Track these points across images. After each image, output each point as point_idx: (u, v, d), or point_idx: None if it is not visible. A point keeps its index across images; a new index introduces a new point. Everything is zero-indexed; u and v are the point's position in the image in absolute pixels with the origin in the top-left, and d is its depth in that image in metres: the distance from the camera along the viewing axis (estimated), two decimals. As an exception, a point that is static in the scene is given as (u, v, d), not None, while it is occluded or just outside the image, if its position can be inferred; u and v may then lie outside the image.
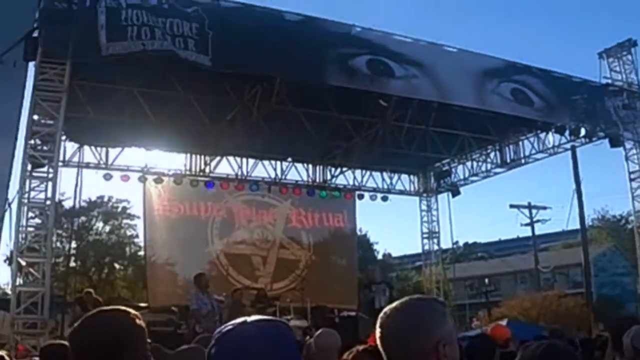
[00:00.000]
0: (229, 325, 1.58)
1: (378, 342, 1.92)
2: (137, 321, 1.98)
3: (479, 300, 36.68)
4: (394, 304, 1.94)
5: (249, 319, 1.59)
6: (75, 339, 1.96)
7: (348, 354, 2.71)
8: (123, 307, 2.07)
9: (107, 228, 34.88)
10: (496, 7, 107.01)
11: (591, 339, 6.43)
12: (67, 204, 24.81)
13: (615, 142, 17.35)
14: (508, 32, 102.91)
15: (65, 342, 3.85)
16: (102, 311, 2.05)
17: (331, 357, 4.22)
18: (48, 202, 11.92)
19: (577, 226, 21.92)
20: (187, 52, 12.17)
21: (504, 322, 18.41)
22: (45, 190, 11.95)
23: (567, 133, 17.63)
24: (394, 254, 52.75)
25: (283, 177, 20.70)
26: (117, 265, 35.45)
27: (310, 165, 21.32)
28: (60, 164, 13.79)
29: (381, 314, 1.94)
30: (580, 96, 16.74)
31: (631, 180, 17.93)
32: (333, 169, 21.53)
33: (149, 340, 2.04)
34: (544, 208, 34.50)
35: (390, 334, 1.88)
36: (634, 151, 17.80)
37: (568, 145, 18.64)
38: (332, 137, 18.13)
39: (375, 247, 46.73)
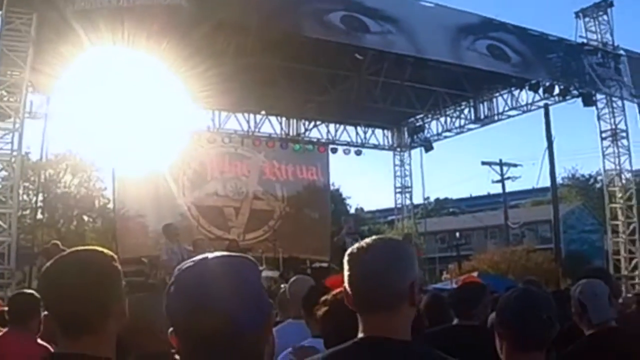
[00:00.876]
0: (189, 261, 1.48)
1: (350, 282, 1.85)
2: (114, 262, 1.88)
3: (449, 254, 37.10)
4: (365, 243, 1.87)
5: (211, 255, 1.49)
6: (48, 280, 1.86)
7: (322, 301, 2.64)
8: (98, 247, 1.95)
9: (76, 181, 34.39)
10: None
11: (561, 291, 6.48)
12: (35, 157, 24.37)
13: (588, 101, 17.47)
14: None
15: (34, 292, 3.71)
16: (77, 251, 1.92)
17: None
18: (14, 154, 11.70)
19: (548, 184, 22.20)
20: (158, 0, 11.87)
21: (475, 274, 18.73)
22: (12, 142, 11.76)
23: (541, 91, 17.67)
24: (366, 209, 53.08)
25: (257, 129, 20.55)
26: (85, 218, 35.07)
27: (284, 119, 21.19)
28: (26, 115, 13.51)
29: (351, 253, 1.87)
30: (556, 54, 16.80)
31: (602, 139, 18.16)
32: (307, 123, 21.45)
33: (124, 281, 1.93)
34: (515, 165, 34.74)
35: (368, 273, 1.81)
36: (606, 110, 17.99)
37: (541, 103, 18.70)
38: (306, 90, 17.96)
39: (348, 201, 46.96)
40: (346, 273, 1.87)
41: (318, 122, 21.52)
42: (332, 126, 21.81)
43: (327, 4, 14.19)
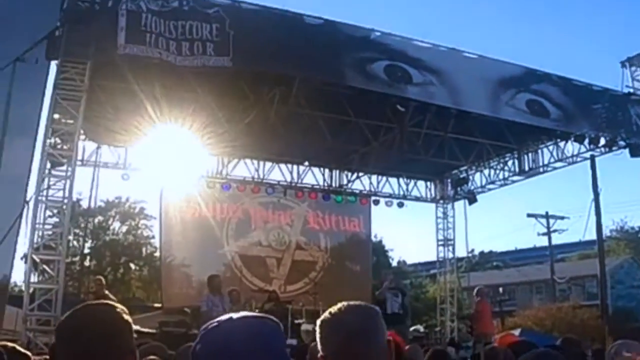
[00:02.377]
0: (214, 322, 1.54)
1: (331, 344, 1.86)
2: (124, 315, 1.95)
3: (493, 310, 36.38)
4: (339, 307, 1.91)
5: (235, 315, 1.55)
6: (62, 330, 1.92)
7: None
8: (110, 302, 2.04)
9: (124, 228, 35.04)
10: (518, 14, 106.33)
11: (603, 350, 6.32)
12: (85, 204, 24.97)
13: (635, 152, 17.16)
14: (529, 39, 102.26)
15: None
16: (89, 304, 2.02)
17: None
18: (65, 201, 12.01)
19: (595, 237, 21.70)
20: (204, 58, 12.25)
21: (516, 332, 18.24)
22: (64, 189, 12.06)
23: (586, 142, 17.46)
24: (408, 262, 52.54)
25: (299, 181, 20.74)
26: (132, 266, 35.59)
27: (326, 170, 21.33)
28: (78, 163, 13.90)
29: (327, 318, 1.89)
30: (602, 105, 16.60)
31: (651, 190, 17.71)
32: (349, 174, 21.54)
33: (135, 336, 2.00)
34: (562, 218, 34.22)
35: (354, 333, 1.83)
36: (655, 160, 17.56)
37: (587, 155, 18.41)
38: (349, 141, 18.05)
39: (390, 253, 46.61)
40: (321, 337, 1.88)
41: (360, 174, 21.59)
42: (374, 178, 21.84)
43: (370, 53, 14.34)
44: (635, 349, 3.38)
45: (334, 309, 1.90)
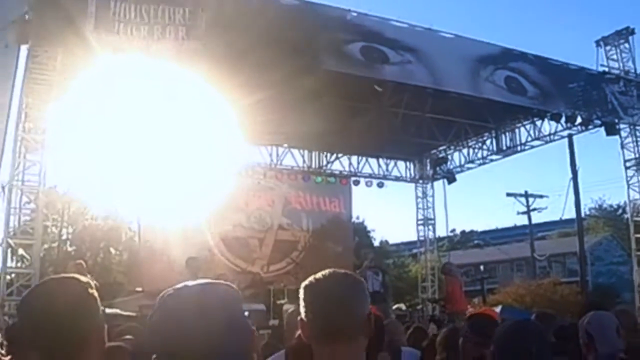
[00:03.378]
0: (170, 289, 1.52)
1: (310, 310, 1.87)
2: (90, 290, 1.87)
3: (474, 288, 36.67)
4: (324, 274, 1.92)
5: (192, 282, 1.53)
6: (21, 312, 1.85)
7: None
8: (74, 275, 1.94)
9: (103, 213, 34.86)
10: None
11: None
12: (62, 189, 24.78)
13: (611, 130, 17.34)
14: (505, 19, 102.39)
15: None
16: (52, 279, 1.92)
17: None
18: (40, 186, 11.93)
19: (574, 215, 21.94)
20: (176, 43, 12.09)
21: (498, 309, 18.44)
22: (39, 174, 11.97)
23: (563, 120, 17.56)
24: (391, 241, 52.82)
25: (278, 162, 20.68)
26: (112, 250, 35.44)
27: (305, 151, 21.29)
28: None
29: (310, 283, 1.90)
30: (577, 84, 16.72)
31: (626, 168, 17.92)
32: (329, 155, 21.53)
33: (102, 309, 1.94)
34: (541, 197, 34.46)
35: (332, 300, 1.84)
36: (630, 139, 17.79)
37: (565, 133, 18.59)
38: (328, 122, 18.00)
39: (372, 234, 46.80)
40: (304, 302, 1.89)
41: (340, 155, 21.61)
42: (354, 158, 21.88)
43: (346, 35, 14.23)
44: (608, 319, 3.41)
45: (318, 274, 1.91)
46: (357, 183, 21.55)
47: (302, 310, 1.89)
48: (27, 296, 1.86)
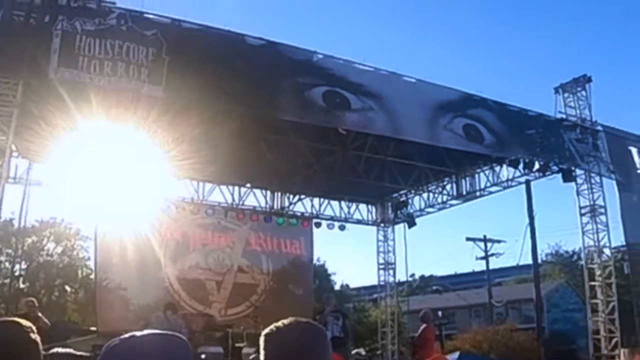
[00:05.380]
0: (116, 339, 1.50)
1: (278, 358, 1.84)
2: (32, 335, 1.86)
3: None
4: (284, 323, 1.89)
5: (139, 333, 1.51)
6: None
7: None
8: (15, 319, 1.92)
9: (59, 249, 34.12)
10: (456, 40, 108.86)
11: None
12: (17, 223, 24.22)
13: (568, 177, 17.66)
14: (467, 63, 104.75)
15: None
16: None
17: None
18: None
19: (530, 261, 22.20)
20: (138, 84, 12.04)
21: (455, 355, 18.45)
22: (-7, 210, 11.68)
23: (521, 166, 17.85)
24: (352, 285, 52.67)
25: (241, 202, 20.62)
26: (68, 288, 34.66)
27: (268, 192, 21.28)
28: (10, 180, 13.49)
29: (270, 332, 1.87)
30: (536, 130, 17.02)
31: (582, 215, 18.16)
32: (291, 196, 21.54)
33: (43, 354, 1.91)
34: (499, 241, 34.95)
35: (294, 351, 1.81)
36: (585, 186, 18.08)
37: (522, 179, 18.84)
38: (291, 163, 18.07)
39: (332, 277, 46.66)
40: (264, 351, 1.86)
41: (302, 196, 21.63)
42: (316, 200, 21.91)
43: (310, 79, 14.16)
44: None
45: (279, 323, 1.88)
46: (318, 225, 21.57)
47: (261, 358, 1.86)
48: None
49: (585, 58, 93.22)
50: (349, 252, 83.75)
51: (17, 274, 26.59)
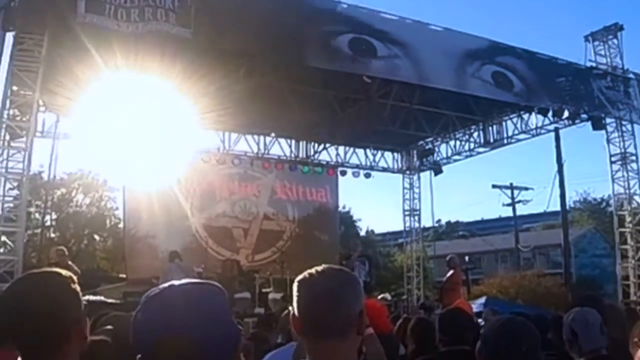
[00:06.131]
0: (156, 289, 1.50)
1: (301, 306, 1.86)
2: (72, 284, 1.86)
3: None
4: (317, 269, 1.90)
5: (177, 282, 1.52)
6: (3, 304, 1.81)
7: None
8: (56, 269, 1.91)
9: (87, 200, 34.64)
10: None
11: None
12: (47, 176, 24.61)
13: (598, 125, 17.43)
14: (495, 13, 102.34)
15: None
16: (32, 273, 1.89)
17: None
18: (24, 173, 11.87)
19: (558, 208, 22.08)
20: (167, 25, 12.02)
21: (482, 300, 18.58)
22: (23, 161, 11.90)
23: (550, 114, 17.65)
24: (376, 231, 52.95)
25: (266, 152, 20.65)
26: (96, 237, 35.31)
27: (293, 141, 21.27)
28: (38, 134, 13.65)
29: (303, 278, 1.89)
30: (565, 78, 16.76)
31: (612, 162, 18.04)
32: (316, 145, 21.51)
33: (85, 303, 1.91)
34: (526, 189, 34.71)
35: (322, 296, 1.83)
36: (615, 134, 17.89)
37: (551, 127, 18.66)
38: (316, 112, 17.97)
39: (358, 224, 46.89)
40: (296, 297, 1.88)
41: (327, 145, 21.59)
42: (341, 149, 21.87)
43: (335, 26, 14.10)
44: (592, 316, 3.42)
45: (312, 270, 1.90)
46: (344, 173, 21.60)
47: (294, 305, 1.89)
48: (7, 291, 1.84)
49: (617, 6, 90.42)
50: (374, 199, 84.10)
51: (47, 224, 27.12)
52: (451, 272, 14.15)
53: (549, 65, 16.80)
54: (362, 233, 46.68)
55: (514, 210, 35.12)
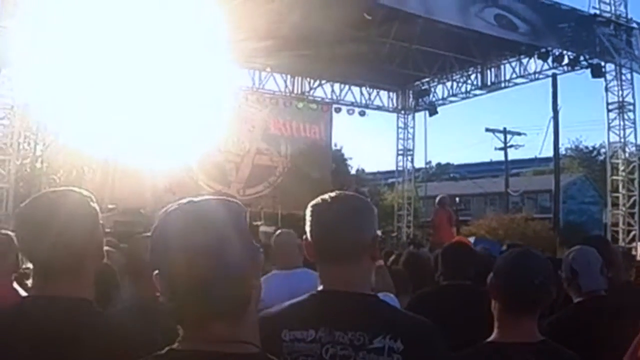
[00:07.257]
0: (175, 204, 1.44)
1: (314, 230, 1.84)
2: (91, 203, 1.81)
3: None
4: (330, 195, 1.87)
5: (196, 198, 1.46)
6: (20, 221, 1.77)
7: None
8: (74, 188, 1.85)
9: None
10: None
11: (556, 258, 6.52)
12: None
13: (597, 72, 17.35)
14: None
15: (9, 233, 3.56)
16: (53, 191, 1.84)
17: (289, 251, 4.38)
18: (15, 101, 11.75)
19: (550, 154, 22.15)
20: None
21: (471, 239, 18.76)
22: (12, 89, 11.76)
23: (550, 60, 17.53)
24: (367, 170, 53.09)
25: (261, 86, 20.43)
26: (85, 169, 35.16)
27: (288, 76, 21.02)
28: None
29: (316, 203, 1.86)
30: (568, 24, 16.56)
31: (609, 111, 18.04)
32: (312, 81, 21.30)
33: (101, 223, 1.86)
34: (519, 134, 34.69)
35: (334, 221, 1.81)
36: (614, 82, 17.83)
37: (549, 72, 18.58)
38: (313, 47, 17.66)
39: (349, 162, 46.97)
40: (309, 222, 1.86)
41: (323, 81, 21.38)
42: (336, 86, 21.69)
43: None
44: (593, 256, 3.38)
45: (326, 195, 1.88)
46: (338, 110, 21.49)
47: (307, 230, 1.86)
48: (25, 206, 1.78)
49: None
50: (366, 138, 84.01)
51: (37, 154, 26.98)
52: (436, 209, 14.28)
53: (552, 10, 16.56)
54: (353, 171, 46.81)
55: (505, 154, 35.18)
